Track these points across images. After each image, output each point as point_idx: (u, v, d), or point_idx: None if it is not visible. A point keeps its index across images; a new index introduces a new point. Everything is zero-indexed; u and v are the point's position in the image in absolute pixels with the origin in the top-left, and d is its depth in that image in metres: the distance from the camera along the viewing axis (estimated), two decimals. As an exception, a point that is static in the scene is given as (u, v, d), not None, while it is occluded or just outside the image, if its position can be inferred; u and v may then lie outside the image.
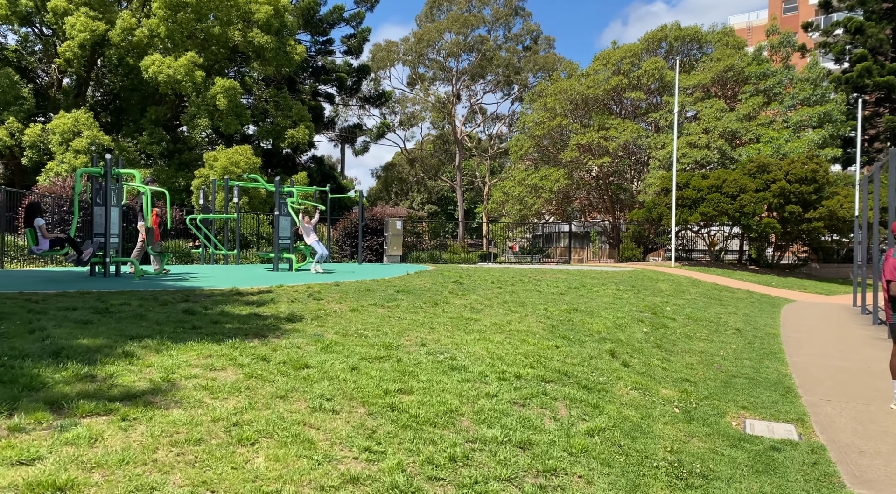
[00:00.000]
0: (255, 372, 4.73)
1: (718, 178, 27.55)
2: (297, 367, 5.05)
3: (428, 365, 5.75)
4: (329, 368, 5.14)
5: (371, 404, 4.41)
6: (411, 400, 4.64)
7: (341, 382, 4.79)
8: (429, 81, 50.67)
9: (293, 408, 4.09)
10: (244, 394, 4.22)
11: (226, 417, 3.74)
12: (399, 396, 4.71)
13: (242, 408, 3.93)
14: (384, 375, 5.17)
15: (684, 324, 11.92)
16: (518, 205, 35.48)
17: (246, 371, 4.72)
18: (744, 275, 26.12)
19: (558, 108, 34.16)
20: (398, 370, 5.38)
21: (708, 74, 31.45)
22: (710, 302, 16.38)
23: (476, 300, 10.89)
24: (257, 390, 4.35)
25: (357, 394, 4.57)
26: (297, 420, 3.86)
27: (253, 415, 3.84)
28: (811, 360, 9.16)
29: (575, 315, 10.70)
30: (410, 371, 5.41)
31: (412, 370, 5.49)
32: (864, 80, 33.67)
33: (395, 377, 5.18)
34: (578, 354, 7.56)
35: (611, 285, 16.84)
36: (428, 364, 5.78)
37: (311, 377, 4.82)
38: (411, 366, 5.62)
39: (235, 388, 4.31)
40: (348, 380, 4.86)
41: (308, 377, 4.78)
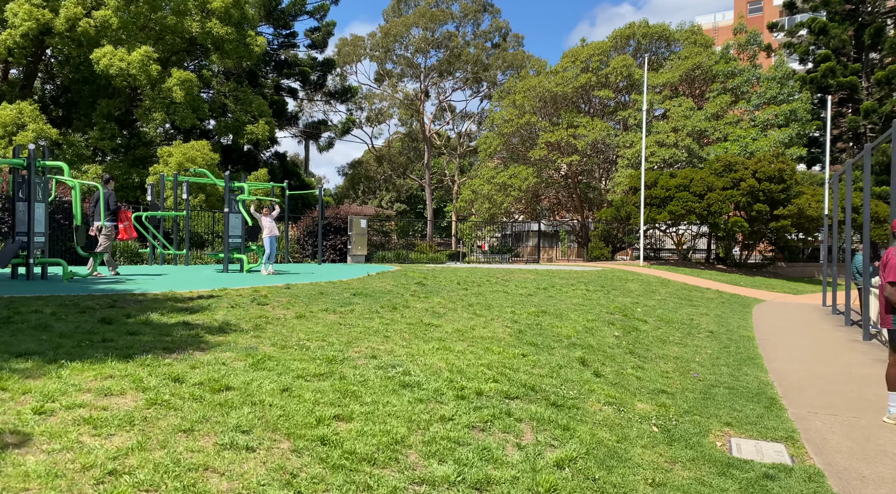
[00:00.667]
0: (161, 398, 3.93)
1: (686, 177, 27.37)
2: (216, 390, 4.27)
3: (376, 383, 5.02)
4: (255, 390, 4.37)
5: (298, 436, 3.66)
6: (349, 430, 3.90)
7: (266, 408, 4.03)
8: (397, 77, 49.81)
9: (197, 446, 3.32)
10: (137, 429, 3.43)
11: (102, 463, 2.96)
12: (335, 424, 3.96)
13: (129, 449, 3.15)
14: (321, 397, 4.42)
15: (656, 327, 11.41)
16: (487, 203, 34.91)
17: (149, 397, 3.92)
18: (712, 274, 25.96)
19: (527, 105, 33.67)
20: (339, 391, 4.63)
21: (676, 73, 31.30)
22: (681, 303, 15.98)
23: (439, 304, 10.19)
24: (157, 422, 3.56)
25: (283, 424, 3.81)
26: (196, 464, 3.10)
27: (140, 459, 3.06)
28: (790, 365, 8.68)
29: (543, 318, 10.08)
30: (353, 391, 4.67)
31: (356, 389, 4.75)
32: (828, 80, 33.96)
33: (333, 399, 4.43)
34: (547, 363, 6.91)
35: (580, 285, 16.33)
36: (376, 381, 5.05)
37: (229, 402, 4.04)
38: (355, 384, 4.88)
39: (128, 420, 3.51)
40: (275, 405, 4.10)
41: (225, 403, 4.01)
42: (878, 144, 10.62)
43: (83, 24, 24.81)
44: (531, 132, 34.70)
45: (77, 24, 24.93)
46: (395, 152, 52.88)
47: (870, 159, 11.12)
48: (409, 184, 62.59)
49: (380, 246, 33.41)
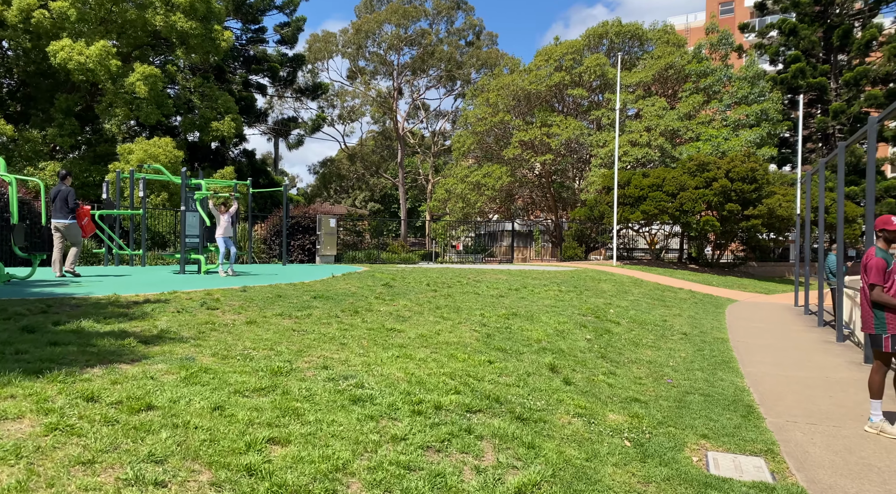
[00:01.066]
0: (65, 422, 3.42)
1: (659, 176, 27.32)
2: (135, 410, 3.76)
3: (323, 397, 4.55)
4: (181, 409, 3.87)
5: (221, 465, 3.19)
6: (283, 456, 3.44)
7: (189, 431, 3.54)
8: (369, 74, 49.15)
9: (93, 483, 2.82)
10: (24, 462, 2.92)
11: (-35, 511, 2.46)
12: (268, 449, 3.50)
13: (3, 491, 2.64)
14: (256, 416, 3.94)
15: (629, 329, 11.11)
16: (461, 203, 34.52)
17: (50, 421, 3.41)
18: (684, 274, 25.93)
19: (500, 104, 33.36)
20: (279, 408, 4.16)
21: (649, 72, 31.26)
22: (654, 303, 15.76)
23: (405, 307, 9.74)
24: (52, 453, 3.06)
25: (206, 450, 3.33)
26: (88, 507, 2.61)
27: (17, 503, 2.56)
28: (766, 369, 8.42)
29: (514, 321, 9.70)
30: (295, 409, 4.20)
31: (299, 406, 4.27)
32: (798, 81, 34.26)
33: (271, 418, 3.96)
34: (514, 370, 6.51)
35: (553, 285, 16.03)
36: (323, 396, 4.58)
37: (147, 425, 3.54)
38: (299, 400, 4.41)
39: (15, 452, 3.00)
40: (201, 428, 3.61)
41: (142, 426, 3.51)
42: (852, 143, 10.45)
43: (38, 16, 23.81)
44: (505, 131, 34.41)
45: (31, 16, 23.90)
46: (368, 151, 52.21)
47: (844, 158, 10.96)
48: (383, 183, 61.92)
49: (352, 246, 32.93)
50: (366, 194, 71.21)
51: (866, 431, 5.53)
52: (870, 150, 8.97)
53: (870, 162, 8.75)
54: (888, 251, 5.37)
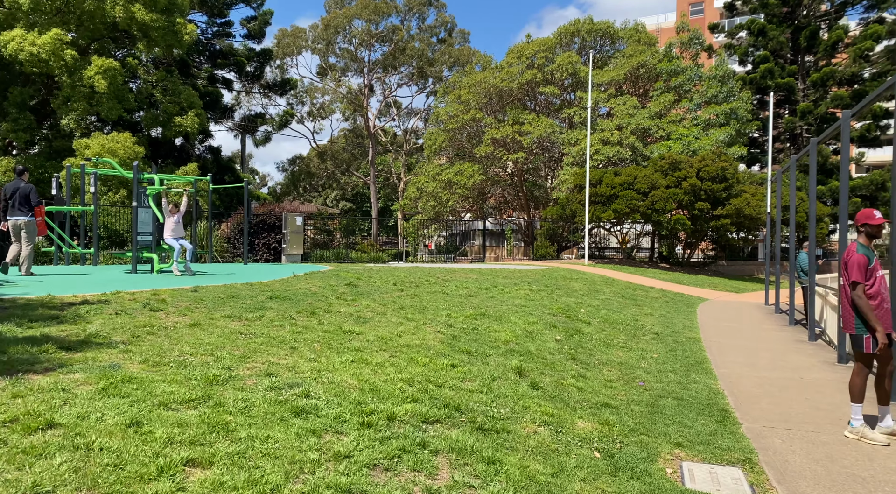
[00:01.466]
0: (-61, 446, 2.90)
1: (630, 174, 27.25)
2: (32, 429, 3.26)
3: (261, 409, 4.09)
4: (89, 427, 3.37)
5: (123, 496, 2.71)
6: (202, 481, 2.97)
7: (93, 454, 3.05)
8: (340, 71, 48.41)
9: (-48, 525, 2.33)
10: None
11: None
12: (184, 473, 3.02)
13: None
14: (179, 433, 3.46)
15: (600, 328, 10.81)
16: (432, 201, 34.08)
17: (-80, 446, 2.89)
18: (655, 273, 25.88)
19: (472, 101, 33.02)
20: (207, 423, 3.68)
21: (621, 71, 31.21)
22: (625, 302, 15.54)
23: (367, 307, 9.28)
24: (-89, 486, 2.55)
25: (107, 478, 2.85)
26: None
27: None
28: (739, 370, 8.16)
29: (481, 322, 9.31)
30: (226, 424, 3.73)
31: (231, 420, 3.80)
32: (767, 81, 34.57)
33: (196, 435, 3.48)
34: (479, 374, 6.11)
35: (523, 284, 15.70)
36: (262, 408, 4.12)
37: (41, 447, 3.04)
38: (233, 413, 3.94)
39: None
40: (108, 449, 3.12)
41: (35, 449, 3.01)
42: (824, 138, 10.29)
43: (-13, 3, 22.71)
44: (477, 129, 34.09)
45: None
46: (338, 149, 51.45)
47: (815, 156, 10.81)
48: (355, 182, 61.17)
49: (323, 245, 32.41)
50: (337, 192, 70.32)
51: (846, 436, 5.25)
52: (843, 149, 8.78)
53: (844, 154, 8.55)
54: (870, 247, 5.09)
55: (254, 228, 23.35)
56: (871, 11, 34.74)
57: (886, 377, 5.10)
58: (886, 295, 5.09)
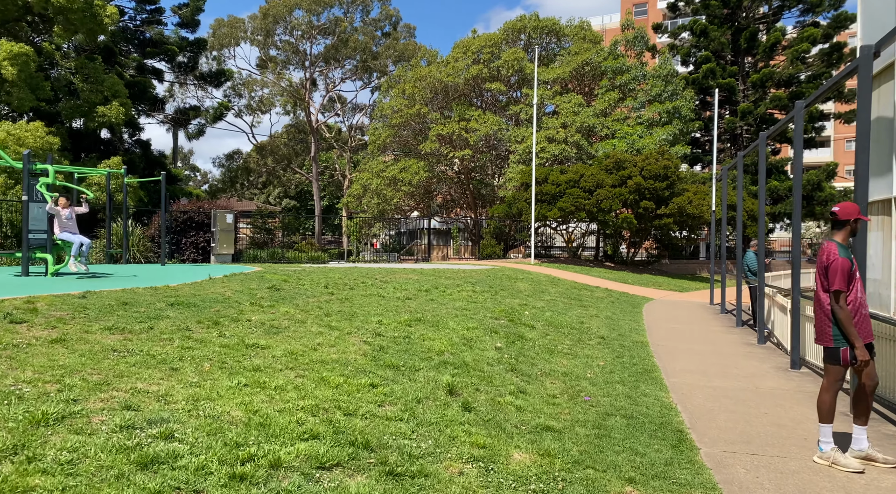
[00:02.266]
0: None
1: (577, 172, 26.92)
2: None
3: (94, 461, 3.09)
4: None
5: None
6: None
7: None
8: (281, 64, 46.69)
9: None
10: None
11: None
12: None
13: None
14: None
15: (544, 333, 10.10)
16: (376, 199, 32.99)
17: None
18: (601, 272, 25.62)
19: (418, 96, 32.11)
20: (5, 485, 2.67)
21: (566, 68, 30.89)
22: (571, 303, 14.96)
23: (286, 314, 8.27)
24: None
25: None
26: None
27: None
28: (691, 379, 7.55)
29: (416, 329, 8.45)
30: (31, 488, 2.72)
31: (39, 483, 2.79)
32: (709, 81, 34.96)
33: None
34: (403, 395, 5.24)
35: (467, 285, 14.93)
36: (97, 458, 3.12)
37: None
38: (48, 471, 2.93)
39: None
40: None
41: None
42: (774, 131, 9.86)
43: None
44: (423, 125, 33.21)
45: None
46: (279, 144, 49.67)
47: (765, 151, 10.38)
48: (299, 179, 59.36)
49: (262, 245, 31.15)
50: (280, 190, 68.28)
51: (816, 462, 4.61)
52: (796, 139, 8.30)
53: (797, 145, 8.05)
54: (848, 248, 4.45)
55: (180, 226, 21.83)
56: (807, 15, 35.59)
57: (868, 394, 4.48)
58: (864, 300, 4.47)
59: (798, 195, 8.14)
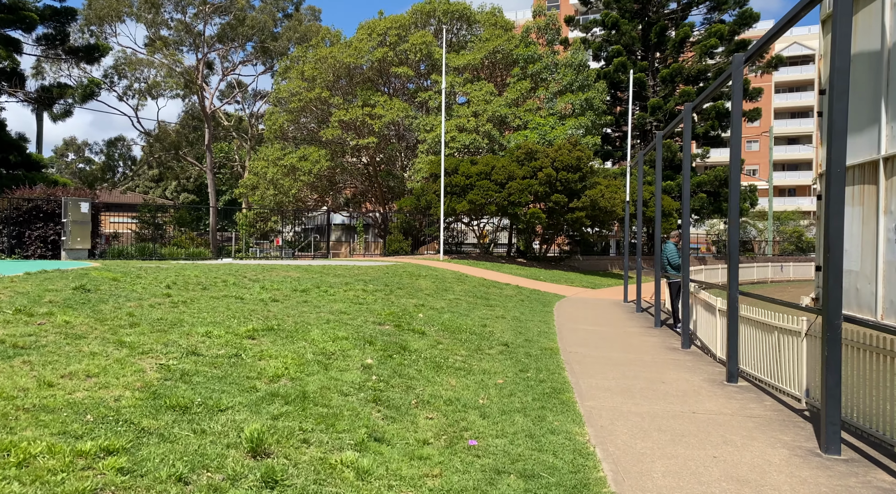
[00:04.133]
0: None
1: (488, 164, 25.41)
2: None
3: None
4: None
5: None
6: None
7: None
8: (172, 44, 42.65)
9: None
10: None
11: None
12: None
13: None
14: None
15: (436, 341, 8.22)
16: (272, 189, 30.17)
17: None
18: (512, 268, 24.23)
19: (319, 79, 29.58)
20: None
21: (477, 55, 29.34)
22: (476, 302, 13.22)
23: (63, 325, 5.96)
24: None
25: None
26: None
27: None
28: (612, 402, 5.84)
29: (257, 343, 6.33)
30: None
31: None
32: (620, 75, 34.49)
33: None
34: (153, 471, 3.12)
35: (357, 284, 12.88)
36: None
37: None
38: None
39: None
40: None
41: None
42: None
43: None
44: (324, 111, 30.68)
45: None
46: (170, 131, 45.47)
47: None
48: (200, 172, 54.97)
49: (151, 241, 27.98)
50: (177, 183, 63.53)
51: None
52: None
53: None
54: None
55: (24, 216, 18.47)
56: (713, 13, 35.86)
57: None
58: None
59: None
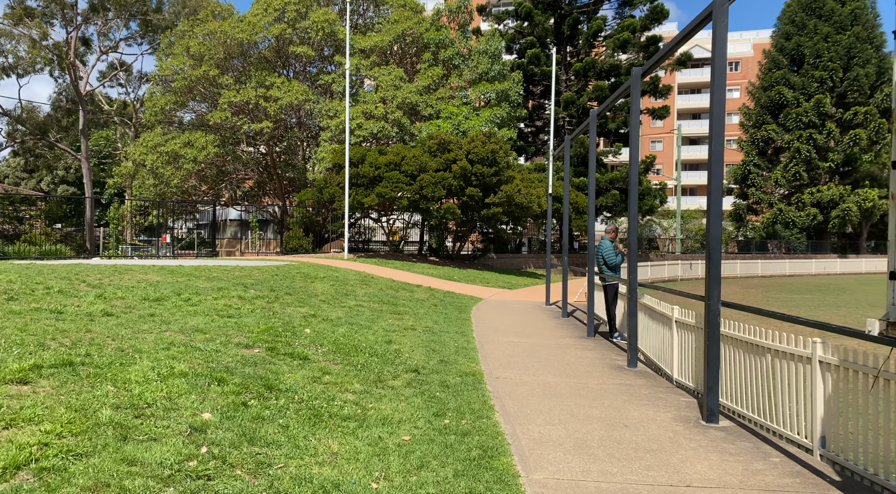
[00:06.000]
0: None
1: (398, 154, 23.34)
2: None
3: None
4: None
5: None
6: None
7: None
8: (41, 16, 37.64)
9: None
10: None
11: None
12: None
13: None
14: None
15: (322, 370, 6.11)
16: (152, 179, 26.64)
17: None
18: (424, 268, 22.33)
19: (207, 56, 26.39)
20: None
21: (386, 37, 27.19)
22: (382, 310, 11.17)
23: None
24: None
25: None
26: None
27: None
28: (571, 473, 3.97)
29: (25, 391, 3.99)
30: None
31: None
32: (534, 68, 33.42)
33: None
34: None
35: (235, 290, 10.53)
36: None
37: None
38: None
39: None
40: None
41: None
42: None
43: None
44: (214, 92, 27.48)
45: None
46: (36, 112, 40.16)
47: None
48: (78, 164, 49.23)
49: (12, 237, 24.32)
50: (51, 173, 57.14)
51: None
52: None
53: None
54: None
55: None
56: (625, 7, 35.52)
57: None
58: None
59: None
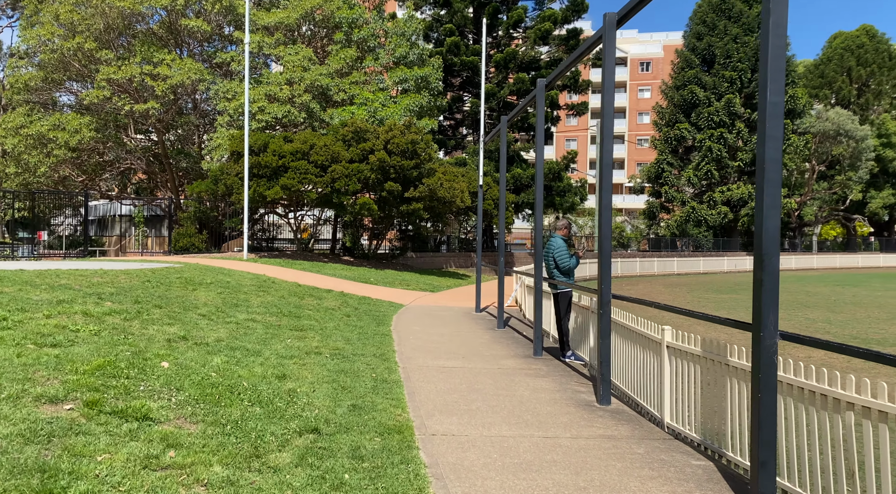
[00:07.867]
0: None
1: (306, 141, 20.92)
2: None
3: None
4: None
5: None
6: None
7: None
8: None
9: None
10: None
11: None
12: None
13: None
14: None
15: (162, 444, 3.92)
16: (13, 166, 22.73)
17: None
18: (336, 269, 20.08)
19: (81, 26, 22.79)
20: None
21: (292, 14, 24.59)
22: (280, 325, 8.97)
23: None
24: None
25: None
26: None
27: None
28: None
29: None
30: None
31: None
32: (454, 57, 31.75)
33: None
34: None
35: (85, 302, 8.07)
36: None
37: None
38: None
39: None
40: None
41: None
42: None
43: None
44: (90, 68, 23.85)
45: None
46: None
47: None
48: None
49: None
50: None
51: None
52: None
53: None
54: None
55: None
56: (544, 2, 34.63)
57: None
58: None
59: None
